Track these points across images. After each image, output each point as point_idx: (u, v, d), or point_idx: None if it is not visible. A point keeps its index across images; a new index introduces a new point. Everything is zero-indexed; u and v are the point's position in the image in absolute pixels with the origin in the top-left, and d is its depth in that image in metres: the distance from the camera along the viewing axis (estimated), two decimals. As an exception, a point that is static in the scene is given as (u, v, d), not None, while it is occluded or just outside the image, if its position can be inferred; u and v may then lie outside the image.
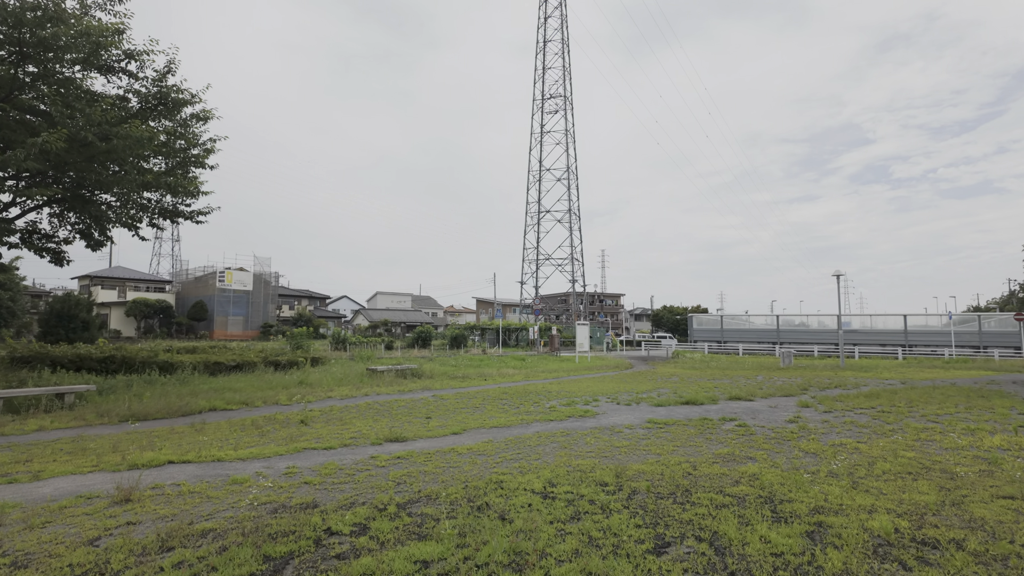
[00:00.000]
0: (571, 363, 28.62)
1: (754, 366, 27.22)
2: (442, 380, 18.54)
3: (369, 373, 18.71)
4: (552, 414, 10.66)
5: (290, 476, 6.03)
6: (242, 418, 10.32)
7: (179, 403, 11.59)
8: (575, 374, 22.24)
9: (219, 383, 14.93)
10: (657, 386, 16.73)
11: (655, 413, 10.97)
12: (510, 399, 13.21)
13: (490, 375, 20.77)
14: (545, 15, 70.30)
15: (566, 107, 69.23)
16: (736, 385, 17.00)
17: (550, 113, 70.20)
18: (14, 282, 30.42)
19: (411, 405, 12.08)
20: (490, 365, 25.96)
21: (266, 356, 19.37)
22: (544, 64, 70.80)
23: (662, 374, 22.25)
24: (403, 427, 9.21)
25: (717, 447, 7.60)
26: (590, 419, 10.12)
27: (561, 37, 70.34)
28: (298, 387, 15.51)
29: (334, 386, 15.91)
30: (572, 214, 68.04)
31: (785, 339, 49.17)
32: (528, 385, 17.07)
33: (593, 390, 15.43)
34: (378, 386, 16.13)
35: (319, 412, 11.00)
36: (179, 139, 14.83)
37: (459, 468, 6.36)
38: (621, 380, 19.21)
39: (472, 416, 10.52)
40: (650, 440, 8.07)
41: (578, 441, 7.98)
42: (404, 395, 14.21)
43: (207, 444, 7.74)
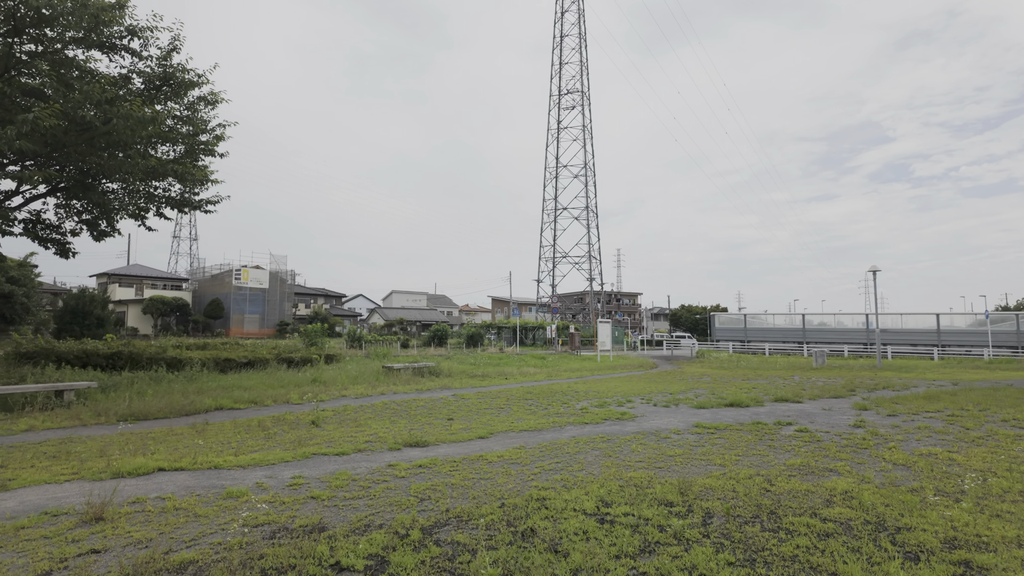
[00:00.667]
0: (593, 362, 27.59)
1: (786, 366, 25.97)
2: (461, 379, 17.65)
3: (385, 371, 17.89)
4: (586, 416, 9.69)
5: (295, 489, 5.14)
6: (249, 418, 9.49)
7: (183, 401, 10.81)
8: (599, 373, 21.23)
9: (229, 381, 14.18)
10: (691, 386, 15.67)
11: (699, 416, 9.95)
12: (536, 399, 12.27)
13: (511, 374, 19.84)
14: (562, 9, 69.22)
15: (583, 102, 68.11)
16: (775, 386, 15.89)
17: (567, 109, 69.12)
18: (29, 278, 30.13)
19: (431, 405, 11.19)
20: (509, 364, 25.03)
21: (279, 353, 18.63)
22: (561, 59, 69.72)
23: (691, 374, 21.16)
24: (423, 430, 8.31)
25: (786, 456, 6.58)
26: (629, 422, 9.13)
27: (578, 32, 69.23)
28: (311, 385, 14.72)
29: (349, 384, 15.09)
30: (589, 211, 66.93)
31: (811, 338, 47.67)
32: (552, 384, 16.11)
33: (623, 390, 14.43)
34: (395, 385, 15.28)
35: (332, 412, 10.15)
36: (186, 124, 14.10)
37: (491, 480, 5.43)
38: (650, 380, 18.17)
39: (498, 418, 9.59)
40: (705, 448, 7.07)
41: (622, 448, 7.01)
42: (422, 394, 13.33)
43: (205, 448, 6.90)
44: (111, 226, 15.03)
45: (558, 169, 68.57)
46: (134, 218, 14.72)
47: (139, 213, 14.68)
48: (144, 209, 14.88)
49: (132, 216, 14.80)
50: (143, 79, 12.34)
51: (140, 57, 12.06)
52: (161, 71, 12.22)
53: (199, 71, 12.75)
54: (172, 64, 12.28)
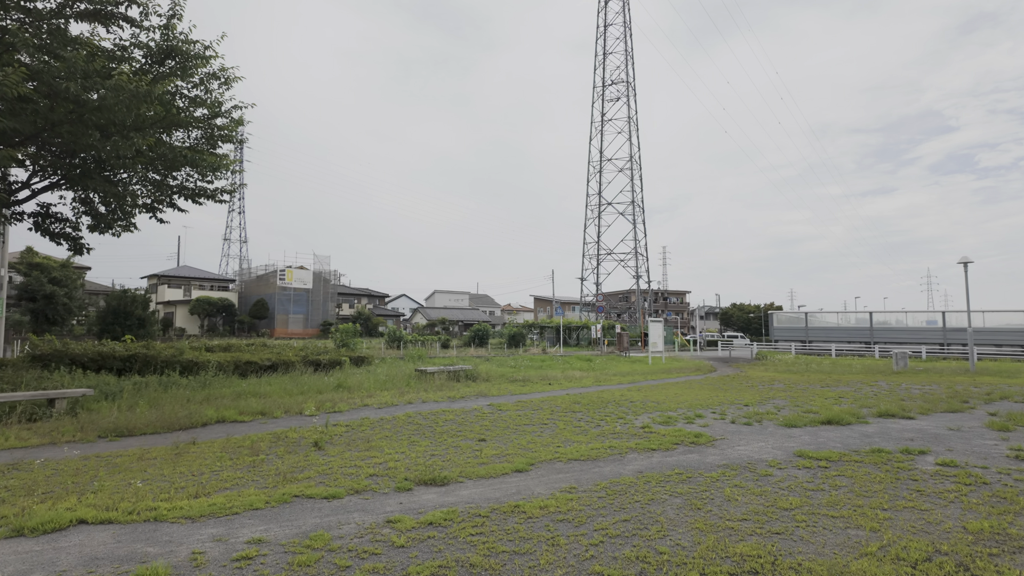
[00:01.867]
0: (644, 365, 25.46)
1: (862, 369, 23.20)
2: (499, 384, 15.94)
3: (418, 375, 16.37)
4: (651, 438, 7.79)
5: (239, 570, 3.49)
6: (247, 435, 8.01)
7: (181, 413, 9.47)
8: (653, 378, 19.18)
9: (245, 386, 12.89)
10: (765, 396, 13.50)
11: (795, 438, 7.91)
12: (585, 411, 10.42)
13: (554, 378, 18.03)
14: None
15: (628, 93, 65.53)
16: (865, 395, 13.54)
17: (611, 101, 66.64)
18: (71, 279, 30.13)
19: (461, 419, 9.50)
20: (553, 366, 23.20)
21: (306, 356, 17.36)
22: (605, 49, 67.32)
23: (758, 379, 18.84)
24: (446, 456, 6.61)
25: (955, 512, 4.56)
26: (708, 449, 7.19)
27: (623, 20, 66.65)
28: (334, 392, 13.29)
29: (375, 391, 13.60)
30: (635, 206, 64.31)
31: (879, 339, 44.05)
32: (603, 392, 14.20)
33: (687, 400, 12.41)
34: (425, 391, 13.69)
35: (344, 428, 8.58)
36: (199, 106, 12.86)
37: (531, 557, 3.65)
38: (712, 387, 16.03)
39: (540, 439, 7.81)
40: (828, 494, 5.11)
41: (712, 493, 5.12)
42: (454, 403, 11.67)
43: (164, 486, 5.38)
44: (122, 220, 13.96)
45: (602, 163, 66.21)
46: (146, 210, 13.61)
47: (152, 205, 13.56)
48: (158, 200, 13.76)
49: (145, 208, 13.70)
50: (144, 52, 11.14)
51: (140, 27, 10.87)
52: (164, 42, 10.98)
53: (205, 42, 11.46)
54: (174, 34, 11.03)
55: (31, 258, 29.29)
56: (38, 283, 28.58)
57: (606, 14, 66.96)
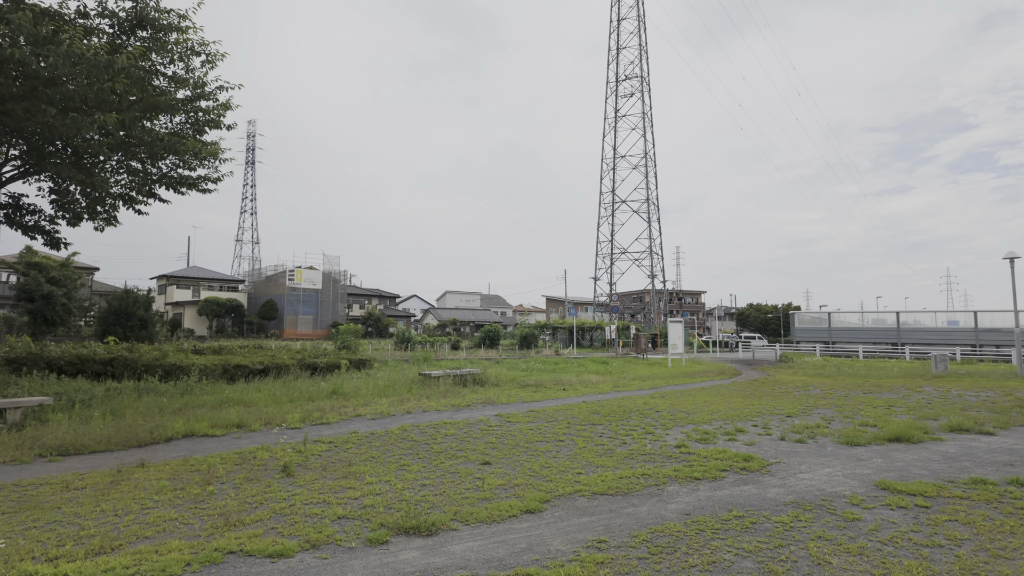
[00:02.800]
0: (663, 368, 24.02)
1: (900, 373, 21.58)
2: (509, 389, 14.65)
3: (422, 380, 15.12)
4: (691, 462, 6.44)
5: None
6: (208, 455, 6.78)
7: (146, 425, 8.29)
8: (676, 382, 17.77)
9: (229, 393, 11.71)
10: (806, 404, 12.07)
11: (865, 461, 6.52)
12: (607, 423, 9.09)
13: (569, 383, 16.70)
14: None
15: (643, 88, 63.94)
16: (915, 403, 12.07)
17: (625, 96, 65.11)
18: (71, 278, 29.27)
19: (464, 434, 8.21)
20: (567, 369, 21.86)
21: (303, 359, 16.18)
22: (618, 44, 65.82)
23: (790, 384, 17.37)
24: (440, 487, 5.33)
25: None
26: (765, 477, 5.83)
27: (637, 14, 65.16)
28: (328, 399, 12.08)
29: (372, 398, 12.37)
30: (650, 204, 62.70)
31: (907, 339, 42.20)
32: (623, 400, 12.85)
33: (719, 409, 11.03)
34: (428, 398, 12.43)
35: (325, 446, 7.32)
36: (181, 86, 11.73)
37: None
38: (744, 393, 14.60)
39: (556, 461, 6.50)
40: (953, 555, 3.75)
41: (792, 553, 3.78)
42: (458, 413, 10.39)
43: (66, 534, 4.14)
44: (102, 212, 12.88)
45: (615, 160, 64.68)
46: (124, 201, 12.51)
47: (130, 195, 12.46)
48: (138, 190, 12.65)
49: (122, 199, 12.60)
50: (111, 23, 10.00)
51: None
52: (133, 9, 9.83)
53: (180, 11, 10.30)
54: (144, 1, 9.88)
55: (30, 257, 28.49)
56: (36, 283, 27.74)
57: (619, 8, 65.51)
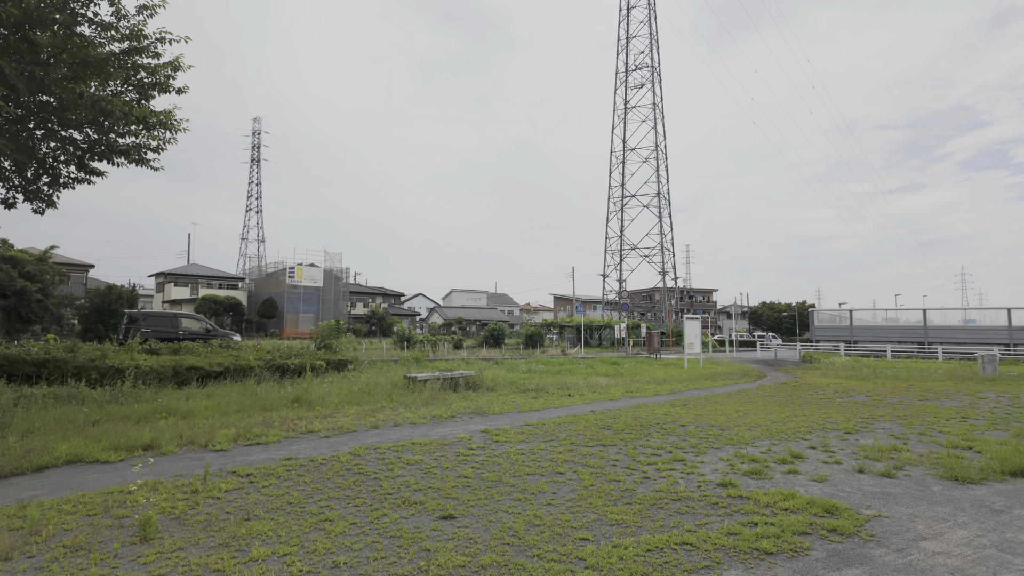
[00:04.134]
0: (680, 369, 21.93)
1: (944, 375, 19.34)
2: (506, 395, 12.66)
3: (406, 384, 13.17)
4: (751, 516, 4.40)
5: None
6: (60, 499, 4.85)
7: (21, 448, 6.38)
8: (696, 386, 15.69)
9: (168, 401, 9.82)
10: (862, 415, 9.98)
11: (1005, 515, 4.47)
12: (621, 444, 7.08)
13: (575, 387, 14.68)
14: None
15: (654, 78, 61.70)
16: (992, 413, 9.94)
17: (635, 88, 62.86)
18: (47, 273, 27.59)
19: (431, 463, 6.21)
20: (573, 371, 19.83)
21: (272, 359, 14.25)
22: (628, 33, 63.61)
23: (826, 388, 15.25)
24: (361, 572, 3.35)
25: None
26: (872, 549, 3.78)
27: (647, 2, 62.87)
28: (287, 408, 10.15)
29: (341, 406, 10.42)
30: (661, 198, 60.44)
31: (935, 338, 39.84)
32: (639, 408, 10.80)
33: (757, 422, 8.97)
34: (407, 407, 10.47)
35: (235, 483, 5.35)
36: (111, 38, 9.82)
37: None
38: (778, 400, 12.53)
39: (549, 511, 4.49)
40: None
41: None
42: (436, 428, 8.41)
43: None
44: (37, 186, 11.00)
45: (625, 153, 62.48)
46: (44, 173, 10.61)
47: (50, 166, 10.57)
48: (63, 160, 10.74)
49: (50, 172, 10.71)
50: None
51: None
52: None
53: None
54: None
55: (4, 251, 26.87)
56: (8, 278, 26.08)
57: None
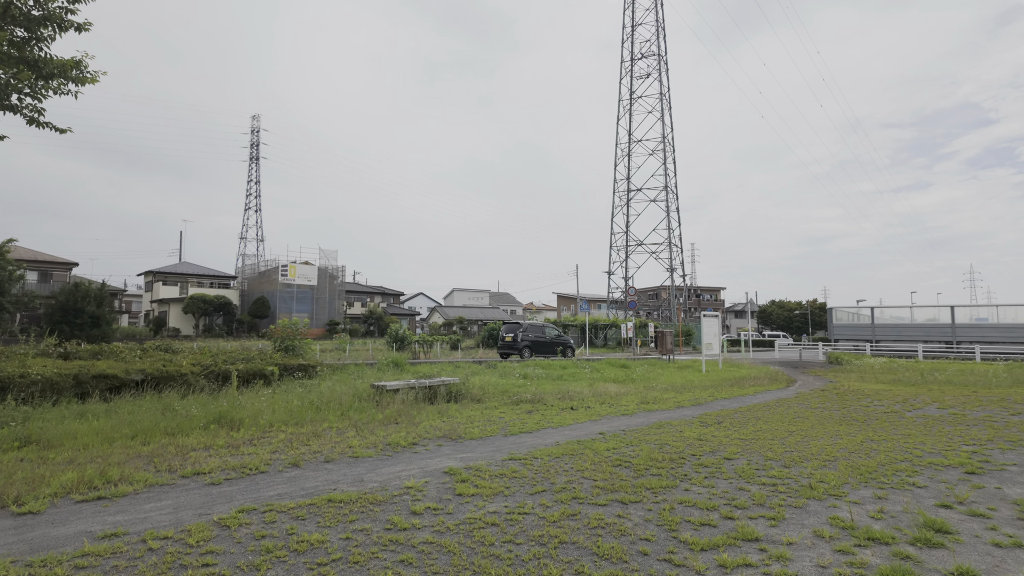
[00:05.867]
0: (697, 373, 19.43)
1: (1009, 380, 16.66)
2: (493, 409, 10.21)
3: (373, 394, 10.74)
4: None
5: None
6: None
7: None
8: (722, 395, 13.18)
9: (44, 422, 7.42)
10: (963, 440, 7.47)
11: None
12: (650, 501, 4.63)
13: (579, 396, 12.23)
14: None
15: (660, 67, 59.13)
16: None
17: (640, 78, 60.30)
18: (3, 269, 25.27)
19: (334, 552, 3.77)
20: (577, 376, 17.35)
21: (210, 366, 11.81)
22: (633, 20, 61.07)
23: (876, 396, 12.73)
24: None
25: None
26: None
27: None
28: (203, 430, 7.72)
29: (272, 427, 7.99)
30: (668, 191, 57.85)
31: (964, 337, 37.28)
32: (662, 429, 8.32)
33: (827, 452, 6.47)
34: (356, 429, 8.02)
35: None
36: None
37: None
38: (829, 415, 10.02)
39: None
40: None
41: None
42: (378, 469, 5.96)
43: None
44: None
45: (631, 145, 59.92)
46: None
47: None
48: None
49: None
50: None
51: None
52: None
53: None
54: None
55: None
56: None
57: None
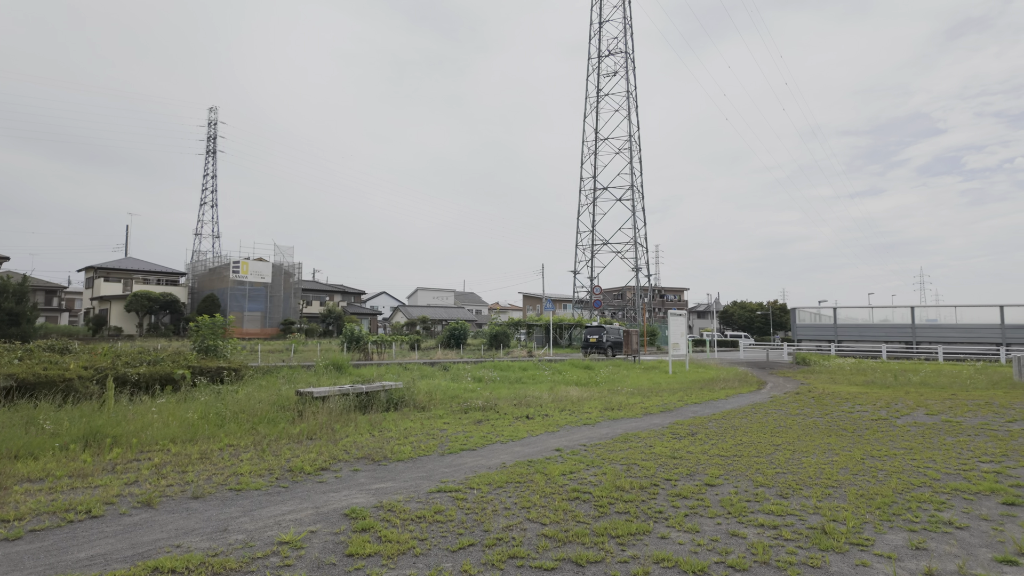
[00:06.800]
0: (664, 374, 18.40)
1: (985, 382, 16.05)
2: (436, 418, 8.81)
3: (298, 402, 9.19)
4: None
5: None
6: None
7: None
8: (693, 399, 12.05)
9: None
10: (973, 454, 6.43)
11: None
12: (613, 559, 3.36)
13: (537, 402, 10.93)
14: (601, -43, 59.74)
15: (628, 65, 58.56)
16: None
17: (607, 75, 59.61)
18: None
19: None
20: (538, 378, 16.07)
21: (106, 369, 10.05)
22: (601, 17, 60.32)
23: (856, 400, 11.80)
24: None
25: None
26: None
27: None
28: (62, 452, 6.11)
29: (154, 446, 6.44)
30: (635, 190, 57.30)
31: (924, 337, 37.63)
32: (629, 443, 7.05)
33: (828, 476, 5.30)
34: (258, 449, 6.51)
35: None
36: None
37: None
38: (812, 423, 8.96)
39: None
40: None
41: None
42: (262, 507, 4.49)
43: None
44: None
45: (597, 143, 59.18)
46: None
47: None
48: None
49: None
50: None
51: None
52: None
53: None
54: None
55: None
56: None
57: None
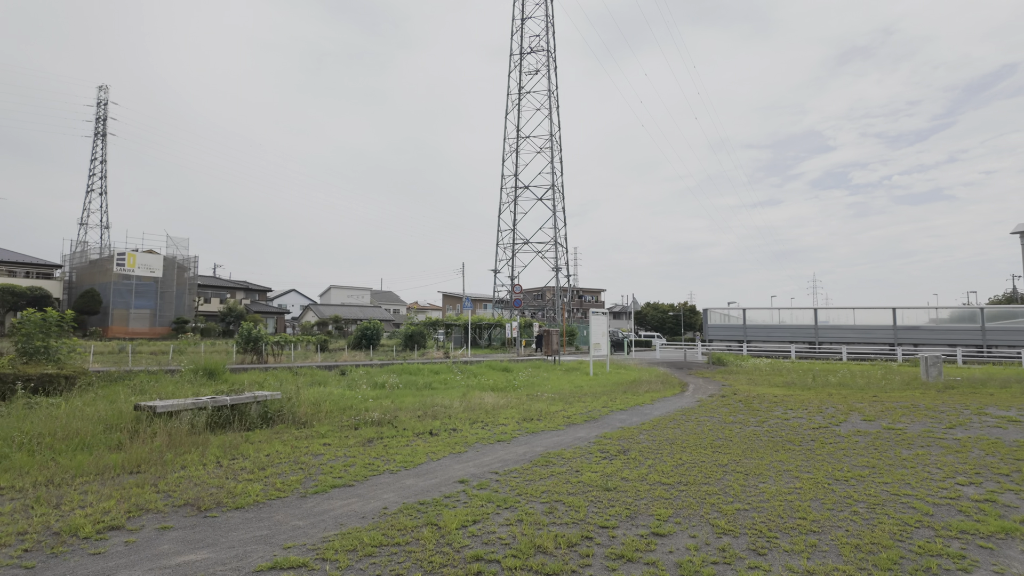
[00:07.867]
0: (584, 376, 17.40)
1: (900, 383, 16.15)
2: (316, 438, 7.08)
3: (135, 419, 7.14)
4: None
5: None
6: None
7: None
8: (617, 405, 10.97)
9: None
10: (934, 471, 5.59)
11: None
12: None
13: (447, 412, 9.40)
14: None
15: (549, 64, 58.15)
16: None
17: (529, 73, 58.95)
18: None
19: None
20: (451, 382, 14.53)
21: None
22: (523, 14, 59.59)
23: (785, 403, 11.18)
24: None
25: None
26: None
27: (542, -21, 59.22)
28: None
29: None
30: (555, 190, 56.99)
31: (825, 338, 39.40)
32: (549, 465, 5.69)
33: (803, 517, 4.18)
34: (35, 497, 4.59)
35: None
36: None
37: None
38: (752, 434, 8.05)
39: None
40: None
41: None
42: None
43: None
44: None
45: (519, 140, 58.35)
46: None
47: None
48: None
49: None
50: None
51: None
52: None
53: None
54: None
55: None
56: None
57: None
